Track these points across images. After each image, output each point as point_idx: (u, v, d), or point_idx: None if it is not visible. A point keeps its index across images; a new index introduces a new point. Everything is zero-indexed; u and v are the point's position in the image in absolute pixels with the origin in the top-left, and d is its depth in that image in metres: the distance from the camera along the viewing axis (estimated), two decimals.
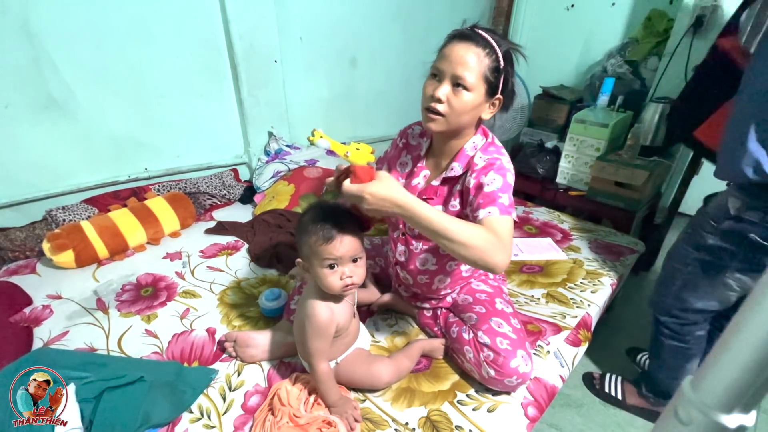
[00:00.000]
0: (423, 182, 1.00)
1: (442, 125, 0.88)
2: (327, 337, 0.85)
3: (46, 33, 1.35)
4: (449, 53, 0.84)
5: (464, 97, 0.84)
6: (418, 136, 1.05)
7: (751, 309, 0.28)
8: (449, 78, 0.84)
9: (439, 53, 0.87)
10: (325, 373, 0.86)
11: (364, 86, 2.31)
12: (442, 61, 0.85)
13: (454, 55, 0.83)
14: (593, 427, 1.33)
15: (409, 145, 1.06)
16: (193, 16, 1.63)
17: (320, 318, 0.83)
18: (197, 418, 0.88)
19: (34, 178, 1.49)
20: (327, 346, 0.86)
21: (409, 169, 1.04)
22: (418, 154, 1.03)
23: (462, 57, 0.82)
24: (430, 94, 0.86)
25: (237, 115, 1.92)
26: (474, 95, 0.84)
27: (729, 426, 0.29)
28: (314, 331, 0.84)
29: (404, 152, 1.07)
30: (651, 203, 1.99)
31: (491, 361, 0.92)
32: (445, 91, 0.84)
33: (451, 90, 0.84)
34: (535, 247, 1.60)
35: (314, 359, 0.85)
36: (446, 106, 0.85)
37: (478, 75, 0.83)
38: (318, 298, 0.85)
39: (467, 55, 0.82)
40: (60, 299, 1.24)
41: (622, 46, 2.25)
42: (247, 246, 1.53)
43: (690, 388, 0.31)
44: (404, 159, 1.06)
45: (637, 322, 1.81)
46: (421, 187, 1.00)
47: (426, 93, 0.88)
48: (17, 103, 1.37)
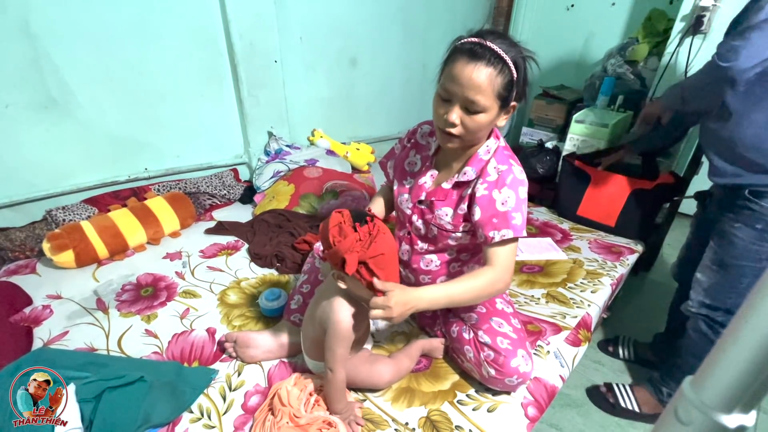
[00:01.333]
0: (430, 182, 0.99)
1: (458, 144, 0.87)
2: (349, 343, 0.84)
3: (46, 33, 1.35)
4: (458, 75, 0.78)
5: (479, 118, 0.82)
6: (427, 135, 1.04)
7: (751, 309, 0.28)
8: (460, 101, 0.80)
9: (447, 71, 0.81)
10: (342, 380, 0.85)
11: (364, 86, 2.31)
12: (452, 83, 0.80)
13: (464, 78, 0.78)
14: (593, 427, 1.33)
15: (417, 144, 1.05)
16: (193, 16, 1.62)
17: (345, 324, 0.82)
18: (197, 417, 0.88)
19: (34, 178, 1.49)
20: (348, 353, 0.86)
21: (418, 168, 1.03)
22: (427, 153, 1.02)
23: (473, 80, 0.77)
24: (444, 118, 0.83)
25: (237, 115, 1.92)
26: (488, 114, 0.82)
27: (729, 426, 0.29)
28: (339, 337, 0.82)
29: (413, 151, 1.05)
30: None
31: (492, 360, 0.92)
32: (457, 114, 0.81)
33: (464, 112, 0.82)
34: (535, 247, 1.60)
35: (336, 365, 0.84)
36: (460, 129, 0.83)
37: (491, 95, 0.79)
38: (344, 306, 0.84)
39: (479, 78, 0.77)
40: (60, 299, 1.24)
41: (622, 46, 2.25)
42: (247, 246, 1.53)
43: (690, 388, 0.31)
44: (413, 158, 1.05)
45: (637, 322, 1.81)
46: (428, 187, 0.99)
47: (438, 113, 0.85)
48: (17, 103, 1.37)
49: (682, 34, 1.82)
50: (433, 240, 1.00)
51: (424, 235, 1.02)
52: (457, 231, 0.96)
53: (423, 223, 1.00)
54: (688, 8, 1.79)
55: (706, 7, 1.71)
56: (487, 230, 0.87)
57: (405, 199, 1.03)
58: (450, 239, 0.98)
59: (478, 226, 0.89)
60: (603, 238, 1.70)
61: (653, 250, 2.09)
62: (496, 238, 0.86)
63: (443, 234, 0.97)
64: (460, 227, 0.95)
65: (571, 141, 2.04)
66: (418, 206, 1.00)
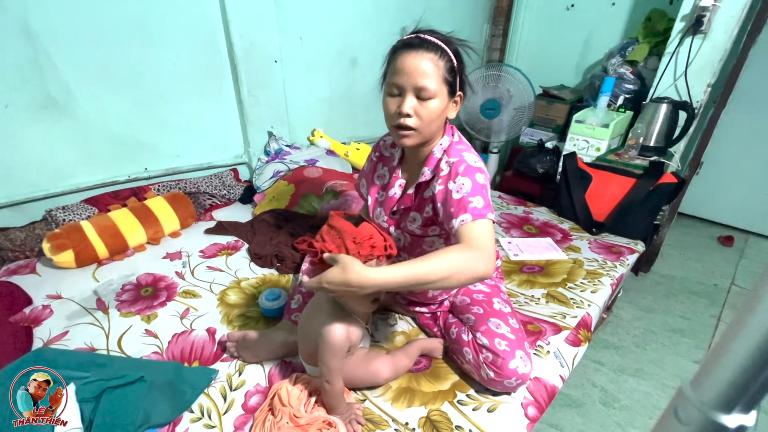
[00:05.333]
0: (399, 192, 1.00)
1: (415, 138, 0.87)
2: (342, 356, 0.84)
3: (46, 33, 1.35)
4: (403, 66, 0.82)
5: (431, 105, 0.84)
6: (389, 147, 1.05)
7: (750, 309, 0.28)
8: (411, 90, 0.83)
9: (390, 69, 0.85)
10: (340, 390, 0.85)
11: (364, 86, 2.31)
12: (398, 76, 0.83)
13: (409, 67, 0.81)
14: (593, 427, 1.33)
15: (383, 156, 1.06)
16: (193, 16, 1.62)
17: (337, 338, 0.82)
18: (198, 417, 0.88)
19: (34, 178, 1.48)
20: (343, 364, 0.86)
21: (387, 180, 1.04)
22: (392, 164, 1.03)
23: (418, 66, 0.81)
24: (396, 112, 0.85)
25: (237, 115, 1.92)
26: (439, 100, 0.84)
27: (729, 426, 0.29)
28: (332, 352, 0.82)
29: (380, 164, 1.07)
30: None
31: (490, 362, 0.92)
32: (411, 104, 0.83)
33: (416, 102, 0.83)
34: (535, 247, 1.60)
35: (333, 377, 0.83)
36: (416, 119, 0.84)
37: (438, 80, 0.82)
38: (334, 319, 0.83)
39: (423, 64, 0.81)
40: (60, 299, 1.24)
41: (622, 46, 2.25)
42: (247, 246, 1.53)
43: (690, 388, 0.31)
44: (381, 171, 1.06)
45: (637, 322, 1.81)
46: (397, 197, 1.00)
47: (390, 111, 0.86)
48: (17, 103, 1.37)
49: (682, 34, 1.82)
50: (409, 248, 1.01)
51: (403, 246, 1.03)
52: (427, 235, 0.96)
53: (400, 233, 1.01)
54: (688, 8, 1.79)
55: (706, 7, 1.71)
56: (449, 220, 0.84)
57: (378, 213, 1.04)
58: (424, 245, 0.98)
59: (444, 223, 0.86)
60: (603, 238, 1.70)
61: (653, 250, 2.10)
62: (455, 226, 0.81)
63: (416, 240, 0.98)
64: (429, 230, 0.96)
65: (571, 141, 2.04)
66: (392, 217, 1.01)
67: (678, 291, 2.03)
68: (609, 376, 1.51)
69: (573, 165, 1.86)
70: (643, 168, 1.81)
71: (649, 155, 1.91)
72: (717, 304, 1.95)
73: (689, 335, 1.74)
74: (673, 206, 2.01)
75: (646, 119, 1.90)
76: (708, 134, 2.01)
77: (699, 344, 1.70)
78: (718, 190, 2.57)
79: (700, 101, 1.88)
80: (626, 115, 2.05)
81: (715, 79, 1.87)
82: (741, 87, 2.03)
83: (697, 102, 1.88)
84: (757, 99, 2.31)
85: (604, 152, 1.97)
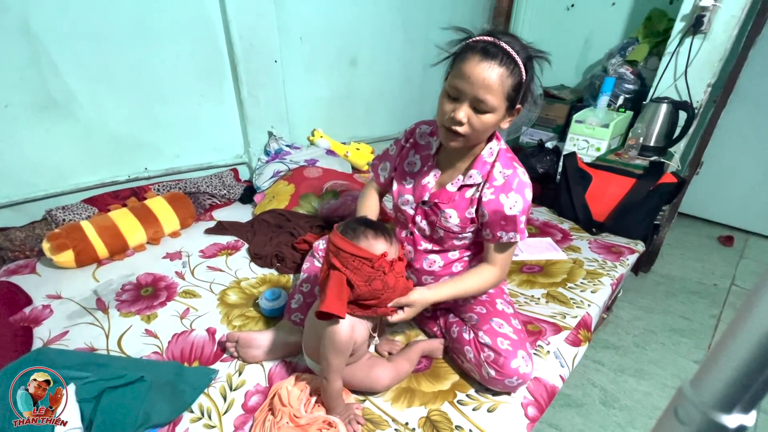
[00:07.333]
0: (434, 182, 0.99)
1: (462, 143, 0.86)
2: (346, 354, 0.84)
3: (46, 33, 1.35)
4: (470, 73, 0.77)
5: (485, 118, 0.81)
6: (427, 135, 1.03)
7: (750, 308, 0.28)
8: (469, 100, 0.80)
9: (457, 68, 0.80)
10: (338, 389, 0.85)
11: (364, 86, 2.31)
12: (462, 81, 0.78)
13: (475, 77, 0.77)
14: (593, 427, 1.33)
15: (417, 144, 1.04)
16: (193, 16, 1.62)
17: (342, 335, 0.82)
18: (198, 417, 0.88)
19: (34, 178, 1.49)
20: (344, 363, 0.86)
21: (418, 168, 1.02)
22: (428, 153, 1.01)
23: (484, 80, 0.76)
24: (450, 116, 0.82)
25: (237, 115, 1.92)
26: (495, 115, 0.81)
27: (729, 426, 0.29)
28: (335, 349, 0.82)
29: (412, 151, 1.04)
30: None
31: (492, 361, 0.92)
32: (465, 112, 0.81)
33: (472, 111, 0.81)
34: (535, 247, 1.60)
35: (332, 375, 0.83)
36: (467, 127, 0.82)
37: (501, 96, 0.79)
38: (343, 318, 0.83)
39: (490, 77, 0.76)
40: (60, 299, 1.23)
41: (622, 46, 2.25)
42: (247, 246, 1.53)
43: (690, 388, 0.31)
44: (412, 159, 1.04)
45: (637, 322, 1.81)
46: (431, 188, 0.99)
47: (444, 111, 0.83)
48: (17, 103, 1.37)
49: (682, 34, 1.82)
50: (438, 241, 1.01)
51: (429, 236, 1.02)
52: (465, 232, 0.97)
53: (428, 224, 1.00)
54: (688, 8, 1.79)
55: (706, 7, 1.72)
56: (496, 230, 0.92)
57: (407, 200, 1.02)
58: (456, 240, 0.99)
59: (486, 226, 0.94)
60: (603, 238, 1.70)
61: (653, 250, 2.10)
62: (503, 239, 0.93)
63: (450, 235, 0.98)
64: (468, 229, 0.96)
65: (571, 141, 2.04)
66: (422, 207, 1.00)
67: (678, 291, 2.03)
68: (609, 376, 1.51)
69: (573, 165, 1.86)
70: (643, 168, 1.81)
71: (649, 155, 1.91)
72: (717, 304, 1.95)
73: (689, 335, 1.74)
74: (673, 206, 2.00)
75: (646, 119, 1.90)
76: (708, 134, 2.01)
77: (699, 344, 1.70)
78: (718, 190, 2.57)
79: (700, 101, 1.88)
80: (626, 115, 2.05)
81: (715, 79, 1.87)
82: (741, 87, 2.03)
83: (697, 102, 1.88)
84: (757, 99, 2.31)
85: (604, 152, 1.97)
